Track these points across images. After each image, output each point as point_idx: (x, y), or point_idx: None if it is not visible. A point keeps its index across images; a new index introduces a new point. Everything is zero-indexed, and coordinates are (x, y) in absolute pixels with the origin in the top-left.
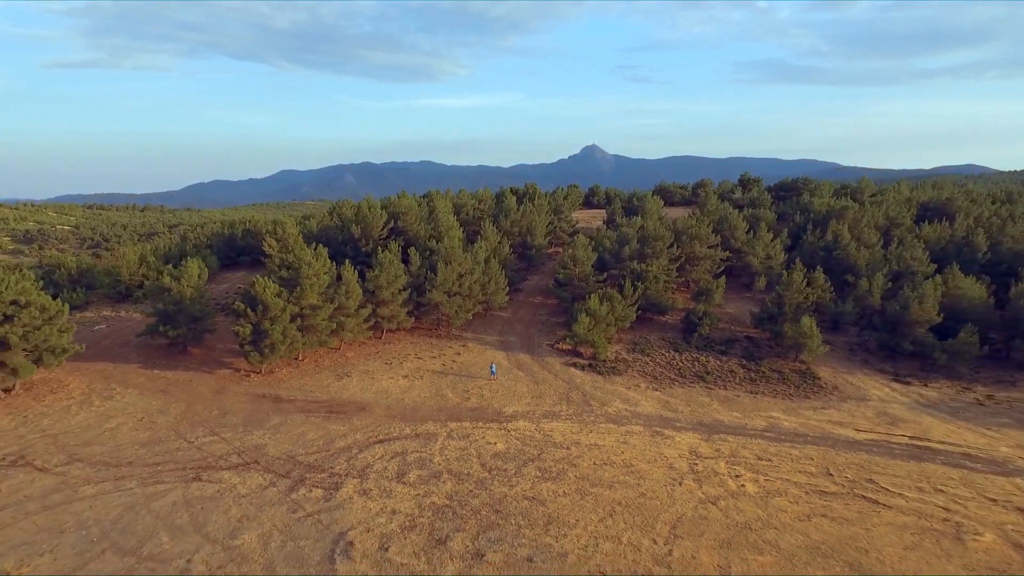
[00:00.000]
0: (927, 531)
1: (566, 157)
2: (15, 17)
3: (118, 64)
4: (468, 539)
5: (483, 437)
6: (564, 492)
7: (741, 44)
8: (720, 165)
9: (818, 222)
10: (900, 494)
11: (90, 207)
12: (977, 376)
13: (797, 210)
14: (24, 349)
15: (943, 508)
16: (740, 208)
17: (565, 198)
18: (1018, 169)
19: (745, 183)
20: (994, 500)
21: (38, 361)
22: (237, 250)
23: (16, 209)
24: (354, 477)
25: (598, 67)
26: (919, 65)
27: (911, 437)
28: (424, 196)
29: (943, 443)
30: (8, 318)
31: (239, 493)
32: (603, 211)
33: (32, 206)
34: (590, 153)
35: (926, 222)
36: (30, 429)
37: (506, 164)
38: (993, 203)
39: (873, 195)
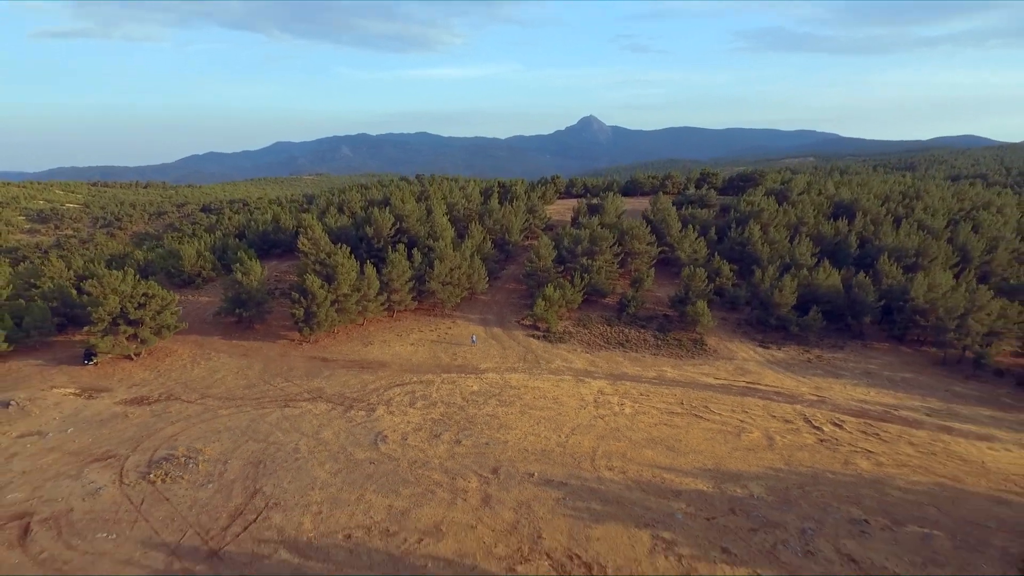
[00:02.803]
0: (721, 432)
1: (563, 128)
2: None
3: (108, 34)
4: (452, 435)
5: (464, 382)
6: (512, 412)
7: (740, 12)
8: (718, 136)
9: (742, 220)
10: (719, 414)
11: (94, 184)
12: (821, 343)
13: (732, 207)
14: (149, 326)
15: (740, 421)
16: (691, 203)
17: (541, 197)
18: (1014, 141)
19: (704, 177)
20: (774, 416)
21: (157, 334)
22: (269, 242)
23: (24, 187)
24: (383, 405)
25: (596, 36)
26: (920, 33)
27: (748, 382)
28: (421, 192)
29: (767, 386)
30: (142, 305)
31: (314, 413)
32: (579, 200)
33: (39, 184)
34: (587, 124)
35: (834, 219)
36: (166, 379)
37: (503, 136)
38: (903, 198)
39: (800, 193)
